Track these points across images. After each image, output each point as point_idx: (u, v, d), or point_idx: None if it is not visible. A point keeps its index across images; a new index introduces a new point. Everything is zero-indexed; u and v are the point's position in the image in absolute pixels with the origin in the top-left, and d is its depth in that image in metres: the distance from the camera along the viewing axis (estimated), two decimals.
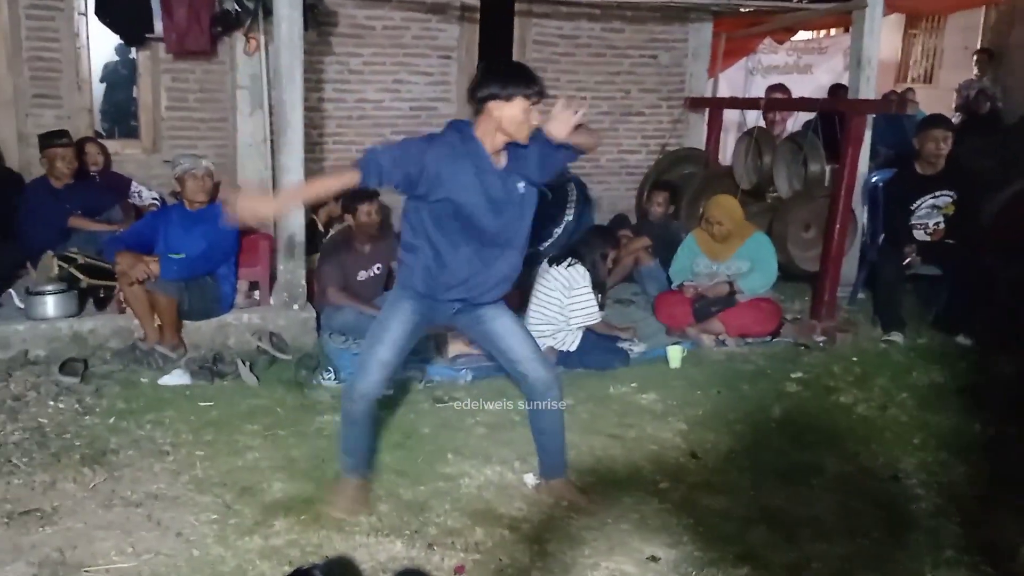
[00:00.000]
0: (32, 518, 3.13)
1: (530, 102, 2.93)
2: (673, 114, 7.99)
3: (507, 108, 2.92)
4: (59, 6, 6.14)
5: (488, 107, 2.94)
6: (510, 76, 2.97)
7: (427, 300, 3.17)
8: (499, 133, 2.97)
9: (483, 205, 2.99)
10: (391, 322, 3.17)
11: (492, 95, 2.92)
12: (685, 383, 4.83)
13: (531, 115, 2.96)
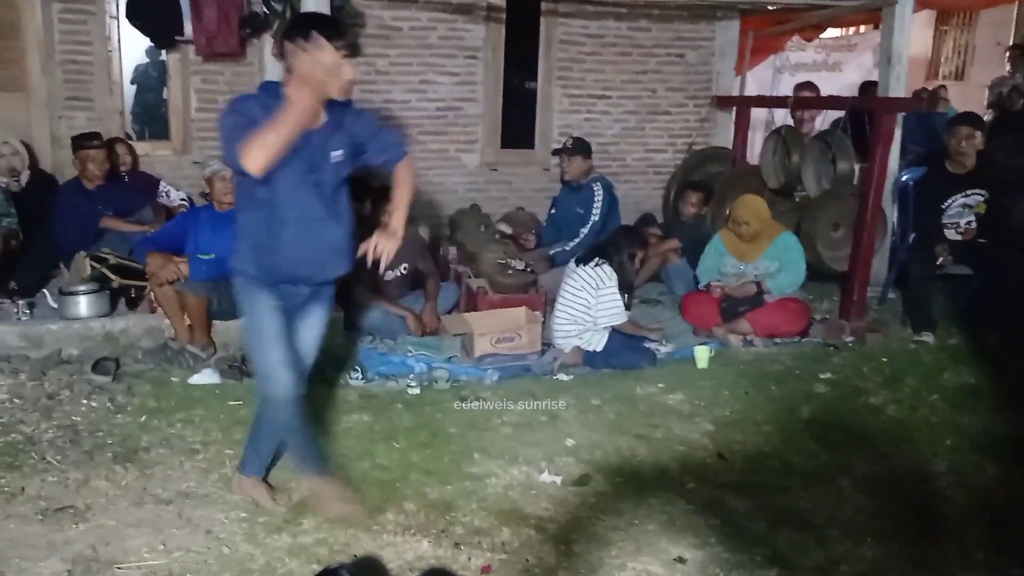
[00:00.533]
0: (66, 515, 3.18)
1: (340, 54, 2.79)
2: (700, 113, 7.95)
3: (313, 60, 2.77)
4: (91, 10, 6.22)
5: (295, 60, 2.80)
6: (317, 27, 2.81)
7: (268, 287, 3.02)
8: (309, 88, 2.80)
9: (294, 166, 2.83)
10: (260, 322, 3.02)
11: (296, 48, 2.79)
12: (712, 383, 4.81)
13: (344, 69, 2.82)
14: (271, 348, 3.00)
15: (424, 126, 7.17)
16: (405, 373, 4.75)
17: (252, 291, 3.03)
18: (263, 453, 3.35)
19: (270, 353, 3.01)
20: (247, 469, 3.35)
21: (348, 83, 2.87)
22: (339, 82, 2.83)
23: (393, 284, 5.56)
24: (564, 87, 7.53)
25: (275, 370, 3.01)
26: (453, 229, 6.73)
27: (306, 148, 2.86)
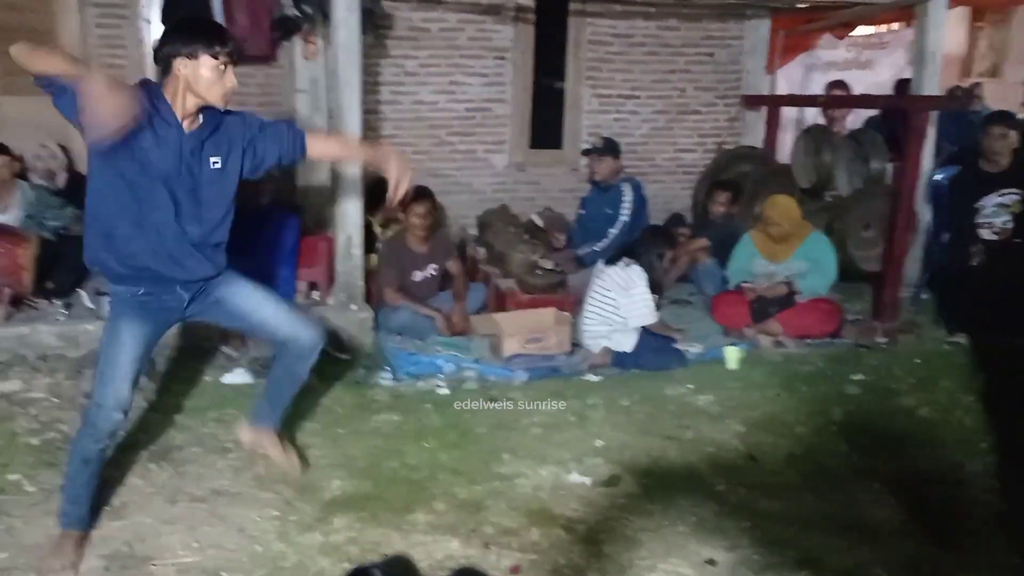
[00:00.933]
0: (102, 512, 3.22)
1: (218, 61, 2.70)
2: (730, 112, 7.91)
3: (192, 66, 2.67)
4: (125, 14, 6.30)
5: (173, 65, 2.68)
6: (195, 33, 2.72)
7: (147, 300, 2.87)
8: (188, 95, 2.70)
9: (162, 169, 2.73)
10: (117, 352, 2.84)
11: (174, 53, 2.68)
12: (743, 384, 4.78)
13: (225, 76, 2.73)
14: (114, 384, 2.83)
15: (453, 127, 7.19)
16: (434, 373, 4.77)
17: (123, 313, 2.89)
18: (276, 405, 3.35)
19: (110, 390, 2.83)
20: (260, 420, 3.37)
21: (229, 90, 2.78)
22: (221, 89, 2.74)
23: (422, 284, 5.58)
24: (593, 87, 7.52)
25: (110, 402, 2.83)
26: (482, 230, 6.75)
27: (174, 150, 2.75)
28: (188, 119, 2.77)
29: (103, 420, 2.85)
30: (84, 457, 2.91)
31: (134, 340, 2.86)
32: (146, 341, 2.91)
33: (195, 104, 2.74)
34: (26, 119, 6.15)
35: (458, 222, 7.18)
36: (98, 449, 2.91)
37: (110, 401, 2.83)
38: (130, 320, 2.87)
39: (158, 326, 2.98)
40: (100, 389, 2.87)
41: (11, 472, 3.52)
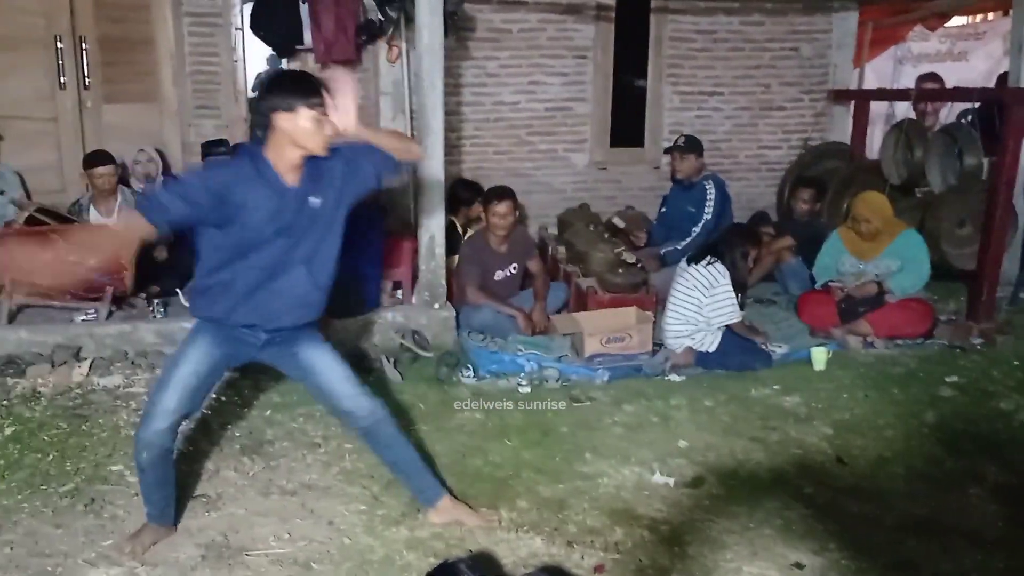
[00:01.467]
0: (199, 503, 3.36)
1: (314, 111, 2.75)
2: (816, 107, 7.74)
3: (292, 120, 2.74)
4: (218, 22, 6.52)
5: (273, 120, 2.77)
6: (289, 86, 2.79)
7: (224, 331, 2.96)
8: (291, 147, 2.79)
9: (271, 227, 2.82)
10: (180, 364, 2.94)
11: (274, 108, 2.76)
12: (830, 386, 4.69)
13: (322, 125, 2.78)
14: (168, 393, 2.91)
15: (533, 127, 7.21)
16: (516, 372, 4.80)
17: (198, 334, 2.99)
18: (417, 474, 3.29)
19: (164, 397, 2.90)
20: (431, 496, 3.30)
21: (329, 138, 2.83)
22: (321, 138, 2.80)
23: (503, 283, 5.62)
24: (674, 84, 7.45)
25: (157, 413, 2.90)
26: (562, 228, 6.75)
27: (284, 208, 2.83)
28: (293, 172, 2.84)
29: (143, 429, 2.91)
30: (138, 465, 3.00)
31: (199, 357, 2.95)
32: (211, 364, 2.98)
33: (298, 155, 2.82)
34: (125, 125, 6.42)
35: (539, 221, 7.20)
36: (143, 459, 2.94)
37: (154, 410, 2.90)
38: (205, 339, 2.97)
39: (229, 357, 3.05)
40: (151, 397, 2.98)
41: (114, 463, 3.68)
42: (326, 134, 2.80)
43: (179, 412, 2.93)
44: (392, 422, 3.18)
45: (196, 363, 2.94)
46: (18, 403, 4.25)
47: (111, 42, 6.35)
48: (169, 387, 2.91)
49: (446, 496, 3.30)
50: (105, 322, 4.87)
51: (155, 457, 2.93)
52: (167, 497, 3.10)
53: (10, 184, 5.91)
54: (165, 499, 3.09)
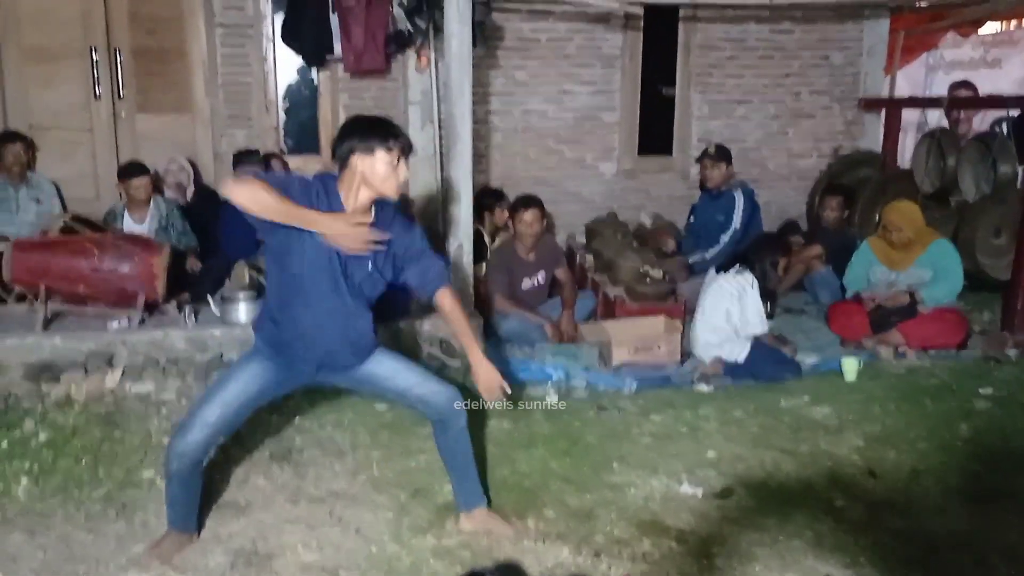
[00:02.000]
0: (228, 510, 3.38)
1: (392, 155, 2.81)
2: (847, 116, 7.68)
3: (369, 161, 2.81)
4: (249, 33, 6.60)
5: (350, 161, 2.82)
6: (370, 129, 2.84)
7: (281, 357, 3.00)
8: (364, 188, 2.84)
9: (326, 263, 2.87)
10: (229, 381, 2.99)
11: (351, 149, 2.82)
12: (862, 397, 4.63)
13: (398, 170, 2.84)
14: (212, 406, 2.94)
15: (561, 135, 7.23)
16: (543, 381, 4.79)
17: (254, 354, 3.04)
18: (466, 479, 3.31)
19: (206, 409, 2.94)
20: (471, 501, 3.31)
21: (403, 183, 2.89)
22: (395, 182, 2.85)
23: (531, 292, 5.63)
24: (703, 92, 7.43)
25: (196, 423, 2.92)
26: (590, 237, 6.75)
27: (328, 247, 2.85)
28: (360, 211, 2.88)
29: (178, 439, 2.93)
30: (166, 473, 3.02)
31: (250, 378, 3.00)
32: (261, 387, 3.01)
33: (368, 197, 2.87)
34: (158, 135, 6.52)
35: (567, 230, 7.20)
36: (173, 468, 2.95)
37: (193, 420, 2.93)
38: (260, 361, 3.02)
39: (281, 382, 3.08)
40: (193, 408, 3.02)
41: (146, 469, 3.72)
42: (400, 179, 2.85)
43: (217, 428, 2.96)
44: (464, 416, 3.19)
45: (246, 383, 2.99)
46: (52, 409, 4.31)
47: (145, 53, 6.45)
48: (214, 402, 2.94)
49: (483, 506, 3.31)
50: (137, 329, 4.92)
51: (184, 467, 2.95)
52: (190, 505, 3.12)
53: (46, 193, 6.01)
54: (188, 507, 3.11)
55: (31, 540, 3.15)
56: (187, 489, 3.05)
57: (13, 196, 5.87)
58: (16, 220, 5.81)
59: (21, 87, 6.30)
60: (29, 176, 5.98)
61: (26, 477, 3.62)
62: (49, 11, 6.23)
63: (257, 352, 3.05)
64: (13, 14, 6.18)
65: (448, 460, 3.29)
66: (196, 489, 3.09)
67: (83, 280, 4.90)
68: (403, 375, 3.13)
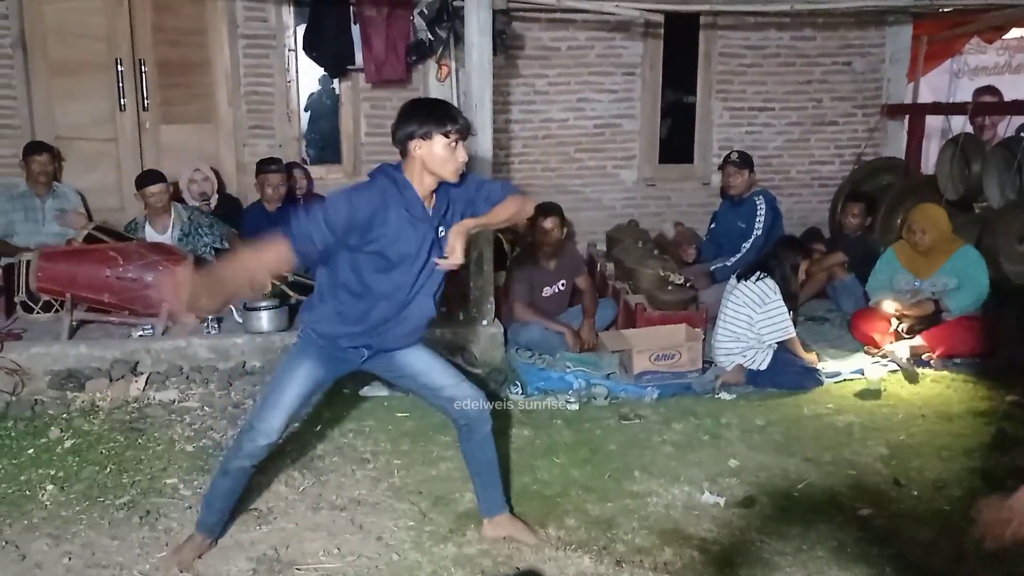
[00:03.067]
0: (251, 517, 3.40)
1: (450, 140, 2.81)
2: (869, 122, 7.63)
3: (427, 146, 2.80)
4: (272, 44, 6.65)
5: (409, 148, 2.82)
6: (427, 114, 2.84)
7: (330, 351, 3.03)
8: (426, 174, 2.85)
9: (412, 254, 2.88)
10: (287, 385, 3.01)
11: (410, 134, 2.81)
12: (886, 406, 4.59)
13: (457, 152, 2.83)
14: (275, 411, 2.99)
15: (582, 144, 7.23)
16: (564, 389, 4.78)
17: (303, 356, 3.05)
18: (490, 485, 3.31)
19: (270, 414, 2.99)
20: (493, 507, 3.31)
21: (461, 165, 2.89)
22: (454, 165, 2.85)
23: (551, 300, 5.62)
24: (724, 100, 7.41)
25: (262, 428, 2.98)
26: (611, 245, 6.74)
27: (425, 236, 2.88)
28: (427, 198, 2.90)
29: (247, 440, 3.00)
30: (224, 468, 3.08)
31: (306, 379, 3.02)
32: (315, 383, 3.07)
33: (432, 182, 2.87)
34: (182, 145, 6.59)
35: (587, 238, 7.19)
36: (237, 466, 3.03)
37: (261, 426, 2.98)
38: (311, 360, 3.03)
39: (331, 373, 3.13)
40: (257, 412, 3.06)
41: (169, 476, 3.75)
42: (459, 161, 2.85)
43: (280, 431, 3.03)
44: (490, 422, 3.20)
45: (302, 385, 3.02)
46: (78, 416, 4.36)
47: (169, 65, 6.52)
48: (277, 408, 2.99)
49: (507, 512, 3.31)
50: (161, 338, 4.97)
51: (246, 468, 3.04)
52: (227, 509, 3.17)
53: (71, 203, 6.08)
54: (224, 510, 3.16)
55: (56, 546, 3.18)
56: (235, 489, 3.12)
57: (39, 206, 5.94)
58: (42, 230, 5.88)
59: (47, 99, 6.38)
60: (55, 187, 6.06)
61: (51, 483, 3.66)
62: (75, 24, 6.32)
63: (308, 348, 3.05)
64: (39, 27, 6.27)
65: (472, 466, 3.29)
66: (240, 492, 3.16)
67: (108, 289, 4.96)
68: (439, 374, 3.15)
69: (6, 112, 6.34)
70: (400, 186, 2.85)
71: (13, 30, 6.22)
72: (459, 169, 2.88)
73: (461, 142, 2.86)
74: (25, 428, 4.21)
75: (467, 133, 2.88)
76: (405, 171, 2.87)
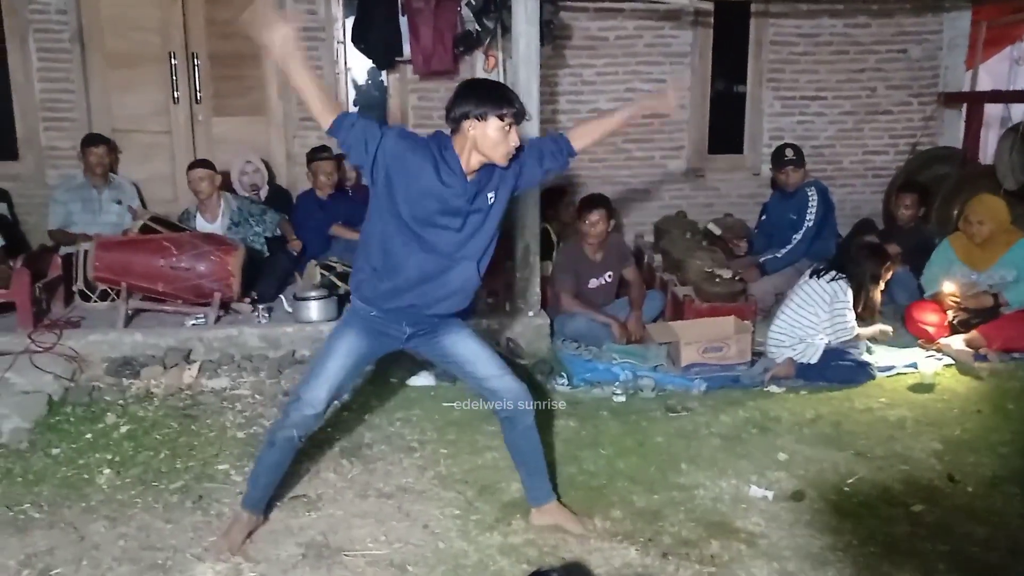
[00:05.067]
0: (300, 503, 3.45)
1: (504, 123, 2.81)
2: (925, 111, 7.46)
3: (481, 128, 2.80)
4: (321, 36, 6.72)
5: (462, 126, 2.83)
6: (485, 95, 2.84)
7: (373, 324, 3.04)
8: (474, 153, 2.85)
9: (437, 210, 2.87)
10: (333, 353, 3.05)
11: (465, 114, 2.81)
12: (940, 400, 4.50)
13: (509, 137, 2.84)
14: (318, 383, 3.03)
15: (630, 134, 7.17)
16: (610, 380, 4.77)
17: (348, 327, 3.09)
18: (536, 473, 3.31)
19: (315, 385, 3.03)
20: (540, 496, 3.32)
21: (512, 149, 2.89)
22: (505, 149, 2.86)
23: (598, 291, 5.60)
24: (775, 89, 7.30)
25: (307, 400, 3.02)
26: (658, 236, 6.69)
27: (455, 196, 2.88)
28: (471, 173, 2.91)
29: (293, 410, 3.05)
30: (271, 440, 3.12)
31: (348, 350, 3.05)
32: (358, 356, 3.09)
33: (479, 161, 2.88)
34: (234, 137, 6.69)
35: (635, 229, 7.16)
36: (283, 436, 3.07)
37: (307, 395, 3.03)
38: (354, 332, 3.07)
39: (374, 348, 3.14)
40: (303, 382, 3.12)
41: (221, 462, 3.82)
42: (510, 146, 2.86)
43: (327, 402, 3.06)
44: (532, 413, 3.20)
45: (344, 357, 3.05)
46: (133, 402, 4.46)
47: (221, 58, 6.62)
48: (321, 378, 3.03)
49: (554, 500, 3.32)
50: (213, 326, 5.06)
51: (295, 437, 3.07)
52: (272, 484, 3.22)
53: (127, 194, 6.22)
54: (269, 485, 3.21)
55: (112, 528, 3.27)
56: (281, 462, 3.16)
57: (96, 197, 6.09)
58: (99, 220, 6.03)
59: (104, 92, 6.53)
60: (111, 178, 6.20)
61: (108, 467, 3.75)
62: (130, 18, 6.45)
63: (351, 324, 3.09)
64: (96, 22, 6.41)
65: (516, 456, 3.30)
66: (285, 466, 3.20)
67: (162, 278, 5.06)
68: (483, 363, 3.15)
69: (65, 105, 6.50)
70: (444, 152, 2.86)
71: (71, 24, 6.37)
72: (510, 153, 2.89)
73: (515, 126, 2.86)
74: (83, 413, 4.32)
75: (522, 118, 2.88)
76: (455, 144, 2.88)
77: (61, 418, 4.26)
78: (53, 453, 3.90)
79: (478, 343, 3.19)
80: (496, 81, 2.99)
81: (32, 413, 4.24)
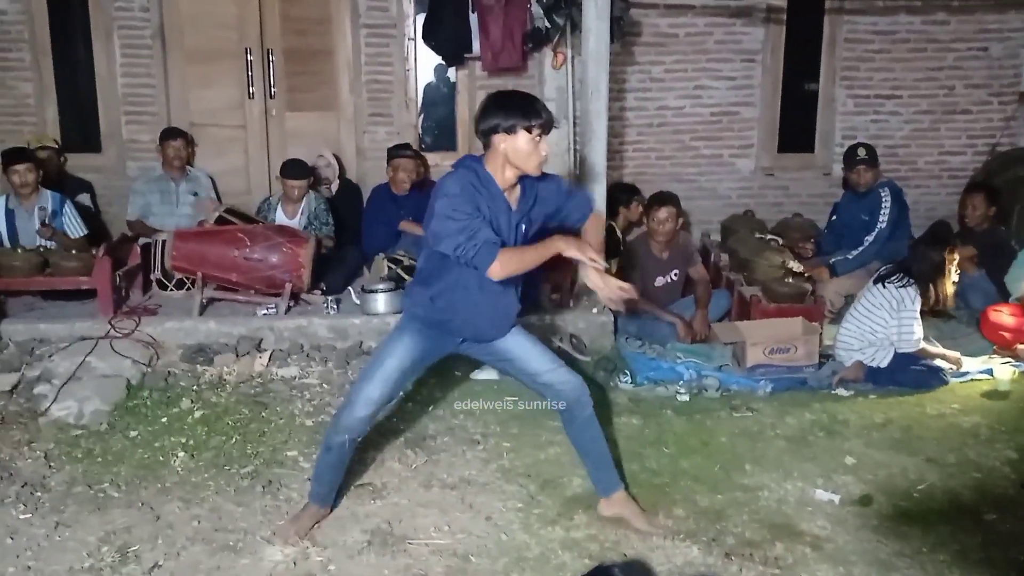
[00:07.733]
0: (366, 491, 3.52)
1: (533, 135, 2.83)
2: (1005, 111, 7.22)
3: (511, 141, 2.83)
4: (392, 33, 6.80)
5: (493, 140, 2.86)
6: (512, 107, 2.86)
7: (427, 331, 3.09)
8: (508, 167, 2.88)
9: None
10: (387, 358, 3.10)
11: (494, 128, 2.84)
12: (1016, 407, 4.38)
13: (539, 147, 2.86)
14: (373, 383, 3.08)
15: (698, 131, 7.11)
16: (674, 379, 4.74)
17: (406, 330, 3.13)
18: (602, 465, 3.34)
19: (369, 386, 3.08)
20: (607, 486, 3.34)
21: (544, 160, 2.92)
22: (536, 159, 2.89)
23: (663, 290, 5.57)
24: (849, 87, 7.16)
25: (361, 401, 3.07)
26: (726, 235, 6.62)
27: (507, 228, 2.95)
28: (509, 190, 2.96)
29: (346, 415, 3.10)
30: (326, 444, 3.18)
31: (404, 355, 3.10)
32: (413, 361, 3.14)
33: (514, 175, 2.93)
34: (306, 132, 6.83)
35: (702, 227, 7.09)
36: (337, 441, 3.13)
37: (358, 398, 3.09)
38: (411, 336, 3.12)
39: (430, 353, 3.19)
40: (356, 385, 3.18)
41: (290, 449, 3.92)
42: (541, 156, 2.90)
43: (380, 403, 3.12)
44: (590, 404, 3.23)
45: (401, 359, 3.10)
46: (207, 388, 4.59)
47: (295, 54, 6.76)
48: (376, 379, 3.09)
49: (622, 490, 3.33)
50: (284, 316, 5.18)
51: (347, 441, 3.12)
52: (336, 481, 3.29)
53: (203, 187, 6.40)
54: (333, 482, 3.28)
55: (186, 509, 3.38)
56: (340, 463, 3.22)
57: (174, 189, 6.27)
58: (176, 212, 6.21)
59: (183, 87, 6.71)
60: (188, 171, 6.38)
61: (183, 451, 3.88)
62: (208, 15, 6.62)
63: (409, 326, 3.14)
64: (176, 18, 6.59)
65: (579, 448, 3.32)
66: (345, 464, 3.26)
67: (236, 268, 5.19)
68: (536, 359, 3.18)
69: (146, 99, 6.70)
70: (483, 181, 2.90)
71: (153, 21, 6.56)
72: (542, 163, 2.93)
73: (544, 136, 2.88)
74: (159, 398, 4.46)
75: (550, 128, 2.91)
76: (487, 163, 2.92)
77: (139, 402, 4.41)
78: (131, 435, 4.05)
79: (529, 339, 3.22)
80: (523, 92, 3.03)
81: (112, 396, 4.40)
